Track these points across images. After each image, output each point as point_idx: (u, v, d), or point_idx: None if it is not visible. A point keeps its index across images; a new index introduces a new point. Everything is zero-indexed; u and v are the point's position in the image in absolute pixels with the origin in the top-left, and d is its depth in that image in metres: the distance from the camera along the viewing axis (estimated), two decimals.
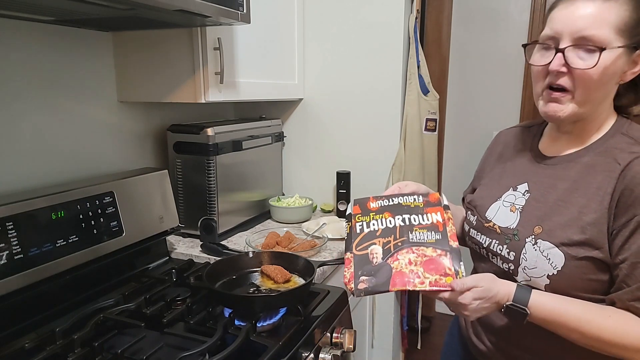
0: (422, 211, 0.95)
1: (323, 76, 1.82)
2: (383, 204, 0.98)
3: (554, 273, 0.80)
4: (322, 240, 1.45)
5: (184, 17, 1.07)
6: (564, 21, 0.80)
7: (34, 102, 1.16)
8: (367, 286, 0.84)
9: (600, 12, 0.77)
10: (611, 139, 0.84)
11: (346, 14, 1.74)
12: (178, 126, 1.48)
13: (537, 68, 0.84)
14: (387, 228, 0.93)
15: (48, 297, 1.03)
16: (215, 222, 1.46)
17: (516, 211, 0.90)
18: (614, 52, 0.77)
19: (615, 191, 0.78)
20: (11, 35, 1.09)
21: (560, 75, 0.81)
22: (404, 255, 0.87)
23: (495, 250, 0.91)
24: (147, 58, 1.33)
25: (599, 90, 0.81)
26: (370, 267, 0.87)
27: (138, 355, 0.86)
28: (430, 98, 1.80)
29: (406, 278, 0.84)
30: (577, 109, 0.82)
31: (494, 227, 0.92)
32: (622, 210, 0.77)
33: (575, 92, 0.81)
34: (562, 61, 0.79)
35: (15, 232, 0.94)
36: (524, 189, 0.92)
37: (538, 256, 0.82)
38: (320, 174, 1.89)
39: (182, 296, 1.08)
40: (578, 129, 0.88)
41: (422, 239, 0.91)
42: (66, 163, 1.25)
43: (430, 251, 0.88)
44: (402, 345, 2.10)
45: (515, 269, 0.86)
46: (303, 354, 0.95)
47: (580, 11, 0.78)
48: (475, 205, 1.00)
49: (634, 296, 0.76)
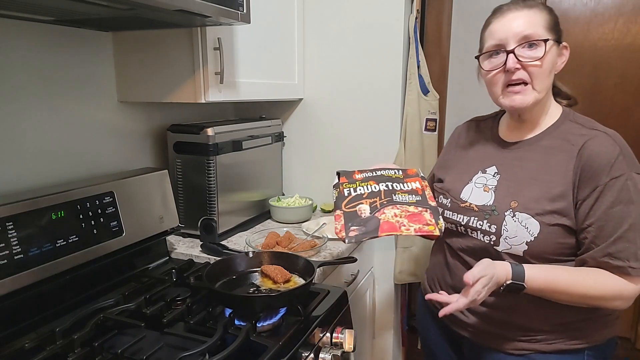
0: (403, 180, 1.10)
1: (323, 76, 1.82)
2: (367, 175, 1.12)
3: (531, 240, 0.94)
4: (322, 240, 1.45)
5: (184, 17, 1.07)
6: (504, 30, 0.97)
7: (34, 102, 1.16)
8: (357, 233, 0.96)
9: (529, 16, 0.96)
10: (562, 125, 1.02)
11: (346, 13, 1.74)
12: (178, 126, 1.48)
13: (492, 72, 1.00)
14: (373, 192, 1.05)
15: (48, 297, 1.03)
16: (215, 222, 1.46)
17: (490, 191, 1.04)
18: (550, 43, 0.95)
19: (576, 167, 0.94)
20: (11, 35, 1.09)
21: (517, 71, 0.96)
22: (390, 210, 1.00)
23: (475, 225, 1.03)
24: (147, 58, 1.33)
25: (548, 77, 0.98)
26: (359, 220, 0.98)
27: (138, 355, 0.86)
28: (430, 98, 1.80)
29: (393, 225, 0.96)
30: (538, 96, 0.98)
31: (470, 206, 1.05)
32: (584, 184, 0.92)
33: (533, 82, 0.96)
34: (515, 59, 0.95)
35: (15, 232, 0.94)
36: (493, 171, 1.06)
37: (517, 226, 0.95)
38: (320, 174, 1.89)
39: (182, 296, 1.08)
40: (534, 116, 1.03)
41: (404, 200, 1.03)
42: (66, 163, 1.25)
43: (413, 208, 1.01)
44: (402, 345, 2.10)
45: (497, 240, 0.98)
46: (303, 354, 0.95)
47: (515, 19, 0.97)
48: (448, 189, 1.13)
49: (604, 253, 0.90)
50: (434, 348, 1.27)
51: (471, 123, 1.25)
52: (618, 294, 0.91)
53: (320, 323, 1.03)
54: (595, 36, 2.39)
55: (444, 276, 1.14)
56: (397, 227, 0.96)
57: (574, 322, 0.97)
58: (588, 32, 2.39)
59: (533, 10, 0.97)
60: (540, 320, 0.98)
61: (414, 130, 1.77)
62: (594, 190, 0.91)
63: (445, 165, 1.23)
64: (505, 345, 1.02)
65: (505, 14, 0.98)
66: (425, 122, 1.81)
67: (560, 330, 0.97)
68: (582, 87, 2.51)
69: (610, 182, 0.90)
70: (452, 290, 1.08)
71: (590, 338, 0.97)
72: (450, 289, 1.09)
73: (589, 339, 0.97)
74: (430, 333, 1.26)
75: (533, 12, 0.97)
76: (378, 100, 1.76)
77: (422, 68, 1.77)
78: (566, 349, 0.97)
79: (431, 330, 1.25)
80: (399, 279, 1.83)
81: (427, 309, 1.24)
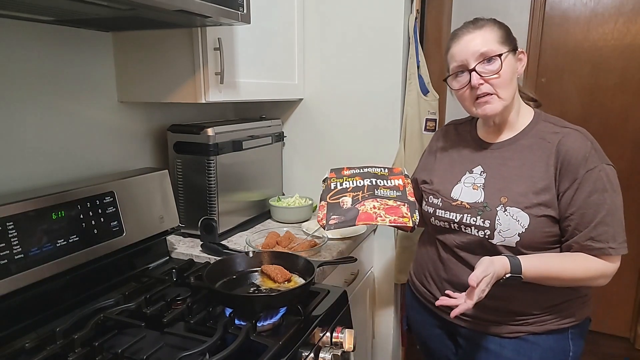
0: (387, 178, 1.21)
1: (323, 76, 1.82)
2: (354, 172, 1.24)
3: (522, 231, 1.03)
4: (322, 240, 1.45)
5: (184, 17, 1.07)
6: (463, 51, 1.08)
7: (34, 102, 1.16)
8: (337, 222, 1.08)
9: (482, 35, 1.08)
10: (537, 125, 1.12)
11: (346, 14, 1.74)
12: (178, 126, 1.48)
13: (461, 90, 1.11)
14: (357, 186, 1.17)
15: (48, 297, 1.03)
16: (215, 222, 1.47)
17: (479, 189, 1.12)
18: (505, 55, 1.06)
19: (555, 163, 1.04)
20: (11, 35, 1.09)
21: (480, 86, 1.06)
22: (369, 202, 1.11)
23: (469, 222, 1.10)
24: (147, 58, 1.33)
25: (510, 84, 1.09)
26: (340, 210, 1.11)
27: (138, 355, 0.86)
28: (430, 98, 1.80)
29: (370, 216, 1.07)
30: (504, 102, 1.08)
31: (462, 204, 1.12)
32: (564, 177, 1.03)
33: (498, 92, 1.07)
34: (477, 75, 1.06)
35: (15, 232, 0.94)
36: (479, 171, 1.15)
37: (510, 220, 1.04)
38: (321, 174, 1.87)
39: (182, 296, 1.08)
40: (507, 118, 1.14)
41: (385, 194, 1.14)
42: (66, 163, 1.25)
43: (392, 202, 1.12)
44: (402, 345, 2.10)
45: (491, 234, 1.06)
46: (303, 353, 0.95)
47: (470, 41, 1.08)
48: (438, 189, 1.20)
49: (587, 237, 1.01)
50: (429, 342, 1.32)
51: (449, 127, 1.34)
52: (601, 273, 1.03)
53: (320, 323, 1.03)
54: (595, 36, 2.40)
55: (437, 270, 1.20)
56: (374, 218, 1.07)
57: (559, 304, 1.09)
58: (588, 32, 2.39)
59: (484, 30, 1.09)
60: (532, 305, 1.08)
61: (413, 130, 1.77)
62: (574, 182, 1.02)
63: (428, 168, 1.29)
64: (501, 329, 1.11)
65: (461, 38, 1.10)
66: (425, 122, 1.81)
67: (548, 312, 1.09)
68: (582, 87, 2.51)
69: (587, 174, 1.01)
70: (447, 283, 1.16)
71: (572, 317, 1.10)
72: (445, 283, 1.17)
73: (571, 318, 1.10)
74: (425, 327, 1.31)
75: (484, 31, 1.08)
76: (378, 100, 1.76)
77: (422, 68, 1.77)
78: (554, 328, 1.09)
79: (425, 324, 1.30)
80: (399, 279, 1.83)
81: (419, 304, 1.30)
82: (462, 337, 1.20)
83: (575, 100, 2.47)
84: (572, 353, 1.11)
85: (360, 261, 1.69)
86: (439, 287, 1.19)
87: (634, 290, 2.56)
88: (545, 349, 1.09)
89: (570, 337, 1.11)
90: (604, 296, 2.49)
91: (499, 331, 1.11)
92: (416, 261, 1.32)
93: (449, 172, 1.21)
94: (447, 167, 1.23)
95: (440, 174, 1.23)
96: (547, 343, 1.09)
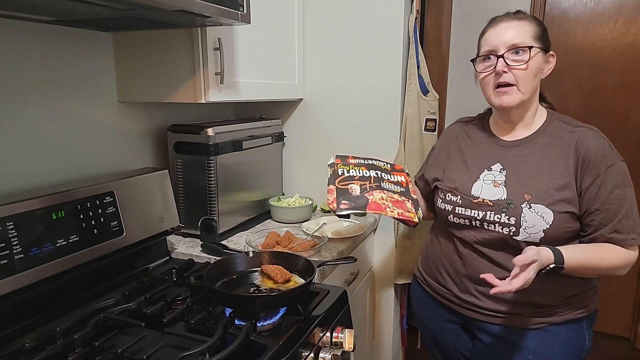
0: (390, 172, 1.24)
1: (323, 76, 1.82)
2: (360, 162, 1.25)
3: (547, 227, 1.05)
4: (322, 240, 1.45)
5: (184, 18, 1.07)
6: (496, 37, 1.10)
7: (34, 102, 1.16)
8: (348, 207, 1.10)
9: (520, 27, 1.09)
10: (551, 124, 1.14)
11: (346, 14, 1.74)
12: (178, 126, 1.48)
13: (485, 74, 1.13)
14: (363, 176, 1.19)
15: (48, 297, 1.03)
16: (215, 222, 1.47)
17: (500, 186, 1.13)
18: (535, 51, 1.08)
19: (575, 161, 1.06)
20: (11, 35, 1.09)
21: (504, 74, 1.08)
22: (377, 193, 1.14)
23: (493, 219, 1.10)
24: (147, 58, 1.33)
25: (533, 81, 1.10)
26: (350, 196, 1.12)
27: (138, 355, 0.86)
28: (430, 98, 1.80)
29: (380, 206, 1.10)
30: (522, 97, 1.10)
31: (484, 202, 1.13)
32: (586, 174, 1.05)
33: (518, 85, 1.08)
34: (504, 63, 1.08)
35: (16, 232, 0.94)
36: (498, 168, 1.16)
37: (535, 216, 1.06)
38: (321, 174, 1.87)
39: (183, 296, 1.08)
40: (522, 116, 1.15)
41: (390, 188, 1.17)
42: (66, 163, 1.25)
43: (397, 196, 1.15)
44: (402, 345, 2.10)
45: (517, 230, 1.07)
46: (303, 353, 0.95)
47: (507, 29, 1.10)
48: (456, 187, 1.20)
49: (612, 229, 1.05)
50: (442, 337, 1.31)
51: (459, 125, 1.34)
52: (627, 262, 1.07)
53: (320, 323, 1.03)
54: (595, 36, 2.39)
55: (454, 266, 1.20)
56: (383, 208, 1.09)
57: (575, 295, 1.12)
58: (588, 32, 2.39)
59: (522, 22, 1.11)
60: (552, 297, 1.11)
61: (413, 130, 1.77)
62: (596, 178, 1.05)
63: (441, 165, 1.29)
64: (523, 322, 1.13)
65: (499, 24, 1.13)
66: (425, 122, 1.81)
67: (567, 303, 1.11)
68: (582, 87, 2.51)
69: (608, 170, 1.05)
70: (466, 279, 1.17)
71: (586, 307, 1.13)
72: (464, 278, 1.18)
73: (585, 308, 1.13)
74: (437, 322, 1.30)
75: (522, 24, 1.10)
76: (378, 100, 1.76)
77: (422, 68, 1.77)
78: (572, 318, 1.12)
79: (438, 319, 1.29)
80: (399, 279, 1.83)
81: (432, 299, 1.29)
82: (481, 330, 1.19)
83: (575, 100, 2.47)
84: (587, 342, 1.15)
85: (360, 261, 1.69)
86: (456, 283, 1.20)
87: (634, 290, 2.56)
88: (565, 339, 1.12)
89: (585, 327, 1.14)
90: (604, 296, 2.47)
91: (521, 323, 1.13)
92: (427, 258, 1.31)
93: (465, 170, 1.21)
94: (462, 164, 1.23)
95: (456, 171, 1.23)
96: (567, 333, 1.12)
